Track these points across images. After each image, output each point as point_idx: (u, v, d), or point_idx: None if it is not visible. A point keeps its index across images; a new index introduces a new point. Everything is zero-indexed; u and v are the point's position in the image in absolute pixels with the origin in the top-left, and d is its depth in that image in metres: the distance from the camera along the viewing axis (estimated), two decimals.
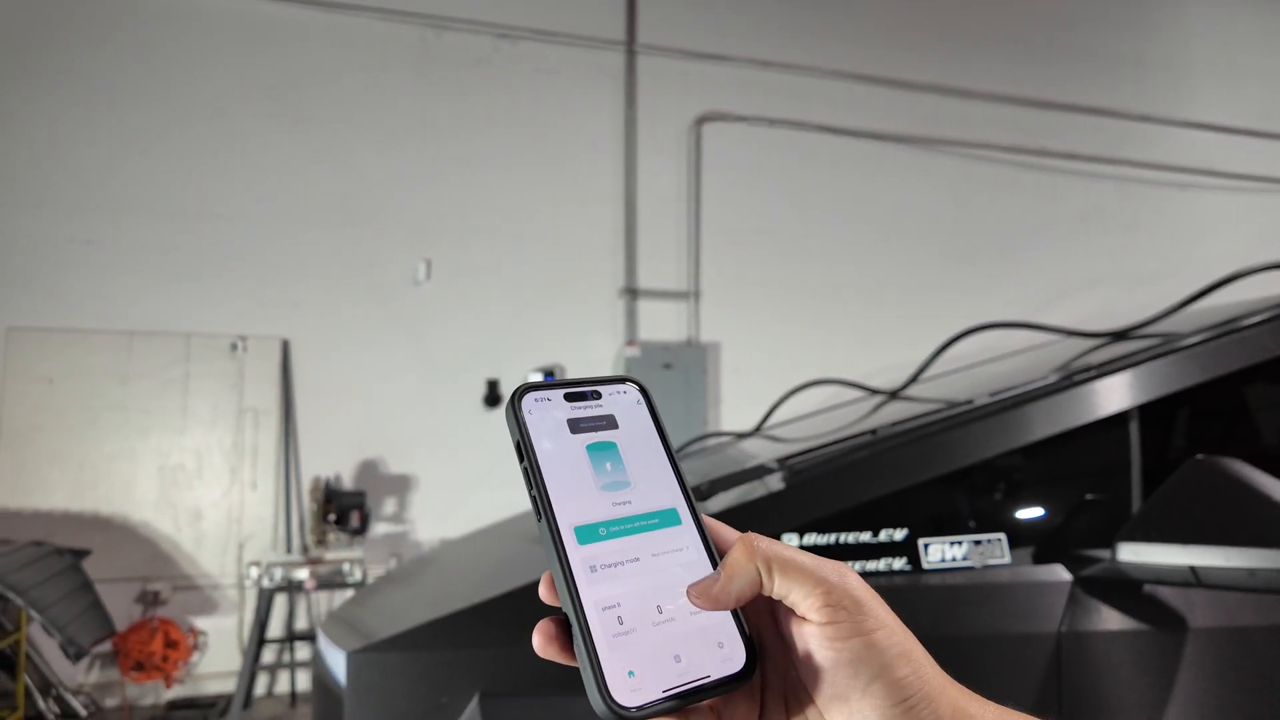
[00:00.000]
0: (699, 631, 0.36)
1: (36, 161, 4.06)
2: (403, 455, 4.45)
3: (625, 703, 0.33)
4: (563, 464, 0.39)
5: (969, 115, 5.55)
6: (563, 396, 0.41)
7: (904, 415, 1.83)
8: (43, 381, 3.99)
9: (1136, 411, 1.66)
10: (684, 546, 0.39)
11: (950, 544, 1.58)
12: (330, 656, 1.66)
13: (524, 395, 0.40)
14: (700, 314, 4.96)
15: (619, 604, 0.36)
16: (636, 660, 0.35)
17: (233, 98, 4.34)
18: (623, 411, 0.42)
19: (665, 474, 0.41)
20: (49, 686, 3.77)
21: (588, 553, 0.37)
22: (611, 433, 0.41)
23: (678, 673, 0.35)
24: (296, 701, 4.02)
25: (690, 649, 0.36)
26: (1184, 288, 2.08)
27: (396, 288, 4.51)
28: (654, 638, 0.36)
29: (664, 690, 0.34)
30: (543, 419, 0.40)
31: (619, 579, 0.37)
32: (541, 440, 0.39)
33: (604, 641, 0.34)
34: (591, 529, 0.38)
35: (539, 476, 0.38)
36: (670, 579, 0.38)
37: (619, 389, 0.43)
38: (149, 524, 4.08)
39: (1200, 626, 1.45)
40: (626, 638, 0.35)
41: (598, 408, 0.42)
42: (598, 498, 0.39)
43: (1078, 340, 2.24)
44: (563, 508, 0.38)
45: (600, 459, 0.40)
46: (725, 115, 5.05)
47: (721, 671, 0.36)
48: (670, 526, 0.39)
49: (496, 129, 4.71)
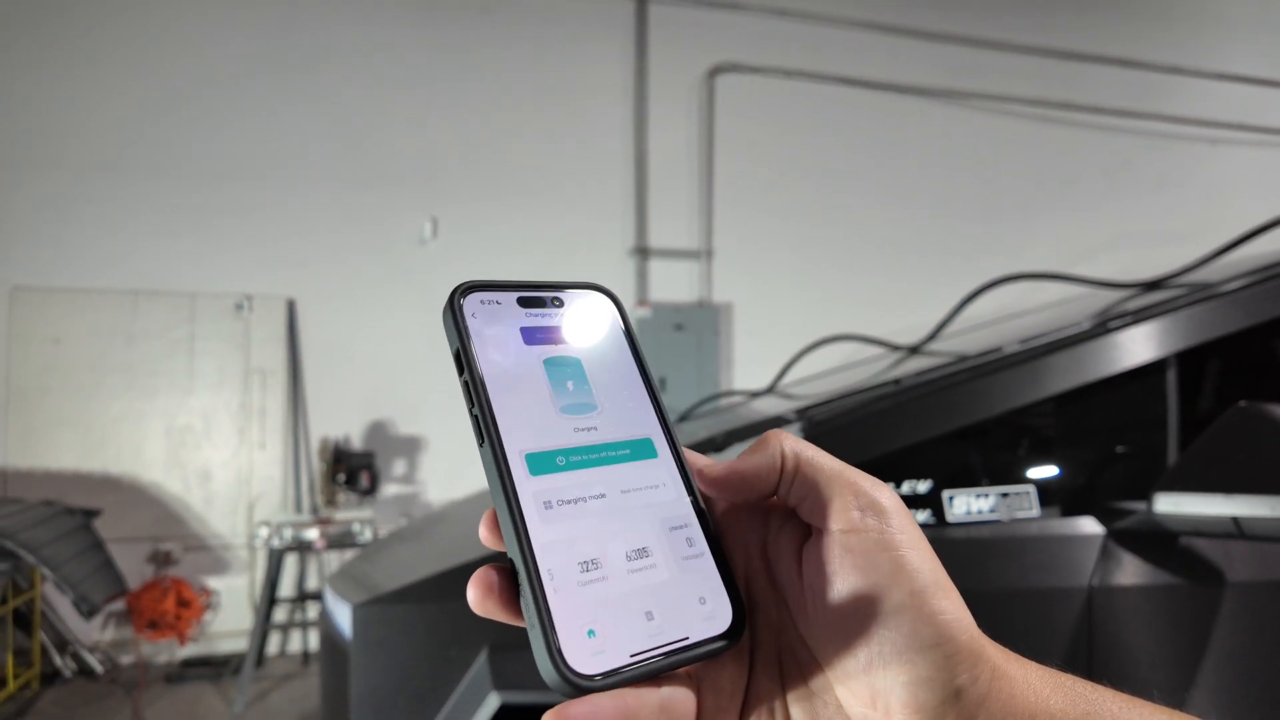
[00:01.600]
0: (677, 584, 0.30)
1: (40, 119, 4.01)
2: (412, 416, 4.42)
3: (583, 669, 0.26)
4: (513, 379, 0.32)
5: (992, 67, 5.38)
6: (516, 301, 0.34)
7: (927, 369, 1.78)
8: (49, 342, 3.97)
9: (1174, 359, 1.60)
10: (660, 483, 0.32)
11: (976, 496, 1.54)
12: (337, 610, 1.64)
13: (466, 294, 0.33)
14: (713, 274, 4.88)
15: (578, 549, 0.29)
16: (598, 617, 0.28)
17: (236, 55, 4.25)
18: (590, 323, 0.35)
19: (639, 398, 0.34)
20: (65, 644, 3.83)
21: (541, 485, 0.30)
22: (575, 347, 0.34)
23: (650, 633, 0.28)
24: (309, 660, 4.06)
25: (666, 605, 0.29)
26: (1213, 245, 1.99)
27: (402, 246, 4.45)
28: (621, 590, 0.29)
29: (632, 655, 0.27)
30: (489, 324, 0.33)
31: (579, 518, 0.30)
32: (487, 349, 0.32)
33: (558, 594, 0.28)
34: (547, 457, 0.31)
35: (482, 393, 0.31)
36: (643, 521, 0.31)
37: (585, 295, 0.36)
38: (158, 485, 4.09)
39: (1239, 580, 1.41)
40: (586, 589, 0.28)
41: (559, 317, 0.34)
42: (556, 421, 0.32)
43: (1107, 293, 2.17)
44: (511, 431, 0.30)
45: (560, 376, 0.33)
46: (739, 67, 4.91)
47: (703, 632, 0.29)
48: (644, 459, 0.33)
49: (503, 82, 4.61)
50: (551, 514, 0.29)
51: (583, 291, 0.36)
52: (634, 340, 0.36)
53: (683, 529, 0.31)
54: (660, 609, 0.29)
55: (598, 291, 0.36)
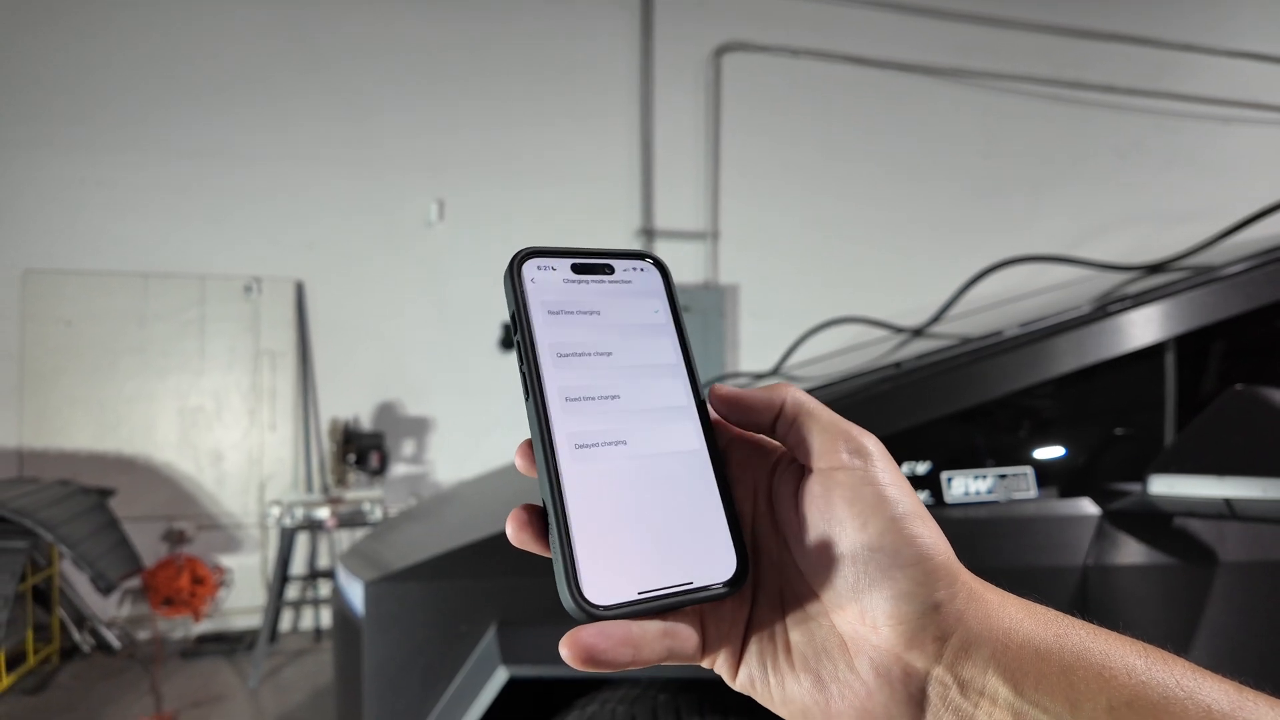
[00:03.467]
0: (689, 532, 0.33)
1: (48, 102, 4.02)
2: (420, 397, 4.46)
3: (596, 600, 0.30)
4: (560, 338, 0.35)
5: (1001, 45, 5.32)
6: (570, 267, 0.37)
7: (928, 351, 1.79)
8: (61, 324, 4.02)
9: (1173, 343, 1.61)
10: (684, 437, 0.36)
11: (975, 477, 1.56)
12: (349, 587, 1.68)
13: (525, 261, 0.36)
14: (719, 255, 4.88)
15: (601, 493, 0.33)
16: (613, 556, 0.31)
17: (245, 37, 4.25)
18: (635, 288, 0.38)
19: (675, 360, 0.37)
20: (83, 620, 3.90)
21: (573, 430, 0.33)
22: (619, 309, 0.38)
23: (659, 575, 0.32)
24: (321, 636, 4.13)
25: (675, 550, 0.33)
26: (1225, 224, 1.99)
27: (409, 229, 4.47)
28: (637, 533, 0.32)
29: (639, 592, 0.31)
30: (544, 289, 0.36)
31: (605, 462, 0.33)
32: (539, 311, 0.35)
33: (580, 532, 0.31)
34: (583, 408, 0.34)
35: (531, 351, 0.34)
36: (663, 470, 0.34)
37: (636, 266, 0.39)
38: (171, 465, 4.15)
39: (1231, 560, 1.43)
40: (605, 529, 0.32)
41: (607, 282, 0.38)
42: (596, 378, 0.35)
43: (1112, 275, 2.17)
44: (553, 385, 0.34)
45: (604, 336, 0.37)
46: (746, 45, 4.87)
47: (707, 579, 0.32)
48: (672, 415, 0.36)
49: (507, 62, 4.59)
50: (581, 456, 0.33)
51: (632, 260, 0.39)
52: (676, 306, 0.39)
53: (699, 480, 0.34)
54: (670, 554, 0.32)
55: (645, 259, 0.39)
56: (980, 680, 0.29)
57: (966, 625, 0.30)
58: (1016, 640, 0.29)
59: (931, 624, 0.29)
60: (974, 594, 0.30)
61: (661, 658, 0.31)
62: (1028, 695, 0.28)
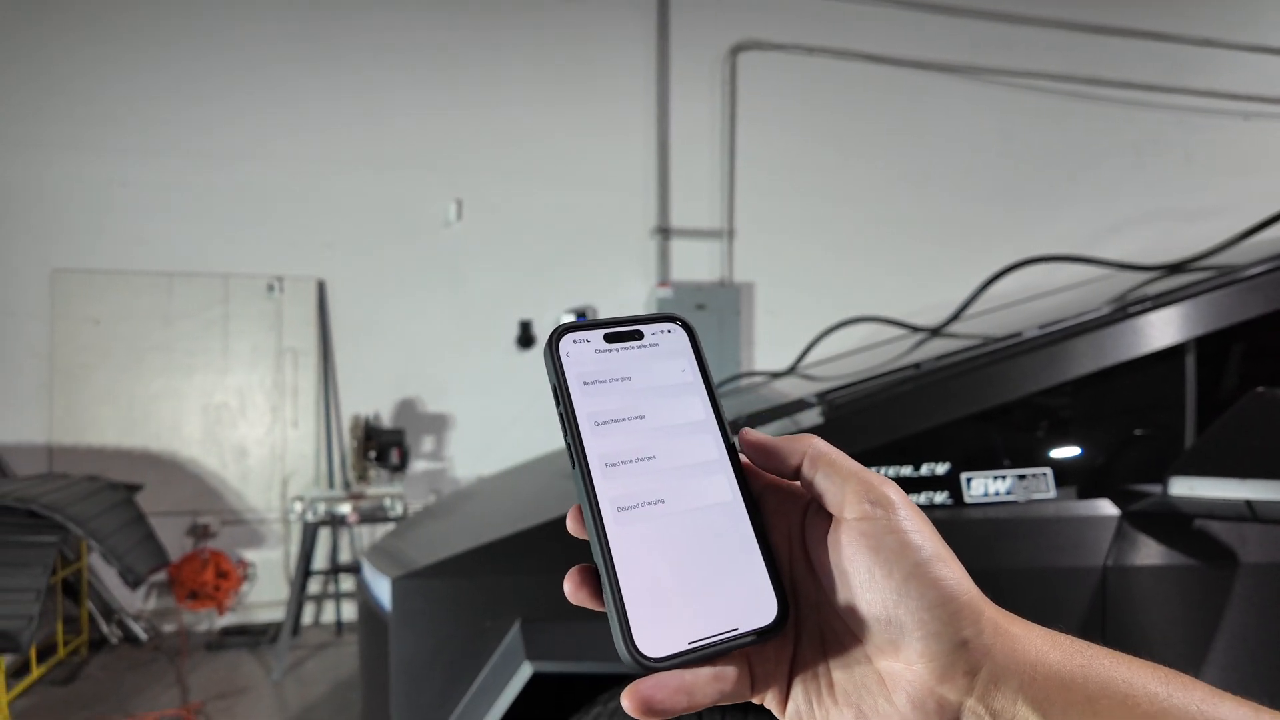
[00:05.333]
0: (731, 583, 0.35)
1: (74, 104, 4.08)
2: (439, 394, 4.51)
3: (649, 653, 0.32)
4: (598, 407, 0.37)
5: (1018, 42, 5.28)
6: (602, 338, 0.39)
7: (947, 352, 1.79)
8: (89, 322, 4.09)
9: (1193, 344, 1.60)
10: (720, 490, 0.38)
11: (993, 478, 1.56)
12: (375, 584, 1.71)
13: (562, 337, 0.38)
14: (734, 253, 4.89)
15: (648, 550, 0.35)
16: (663, 609, 0.34)
17: (266, 39, 4.30)
18: (664, 352, 0.40)
19: (707, 416, 0.39)
20: (111, 612, 3.98)
21: (616, 493, 0.35)
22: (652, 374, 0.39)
23: (705, 624, 0.34)
24: (342, 630, 4.19)
25: (719, 599, 0.35)
26: (1244, 223, 1.98)
27: (428, 228, 4.51)
28: (682, 587, 0.34)
29: (690, 642, 0.33)
30: (580, 362, 0.38)
31: (649, 522, 0.35)
32: (577, 384, 0.37)
33: (630, 590, 0.33)
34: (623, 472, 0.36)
35: (574, 423, 0.36)
36: (704, 524, 0.36)
37: (662, 329, 0.40)
38: (196, 460, 4.22)
39: (1252, 562, 1.42)
40: (654, 585, 0.34)
41: (638, 348, 0.40)
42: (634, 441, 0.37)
43: (1131, 274, 2.16)
44: (595, 454, 0.36)
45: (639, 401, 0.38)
46: (762, 44, 4.87)
47: (751, 624, 0.34)
48: (708, 470, 0.38)
49: (524, 63, 4.61)
50: (624, 518, 0.35)
51: (660, 323, 0.41)
52: (703, 363, 0.40)
53: (737, 529, 0.37)
54: (715, 603, 0.34)
55: (673, 321, 0.41)
56: (1010, 710, 0.31)
57: (994, 659, 0.31)
58: (1043, 671, 0.31)
59: (961, 659, 0.31)
60: (999, 628, 0.32)
61: (714, 700, 0.33)
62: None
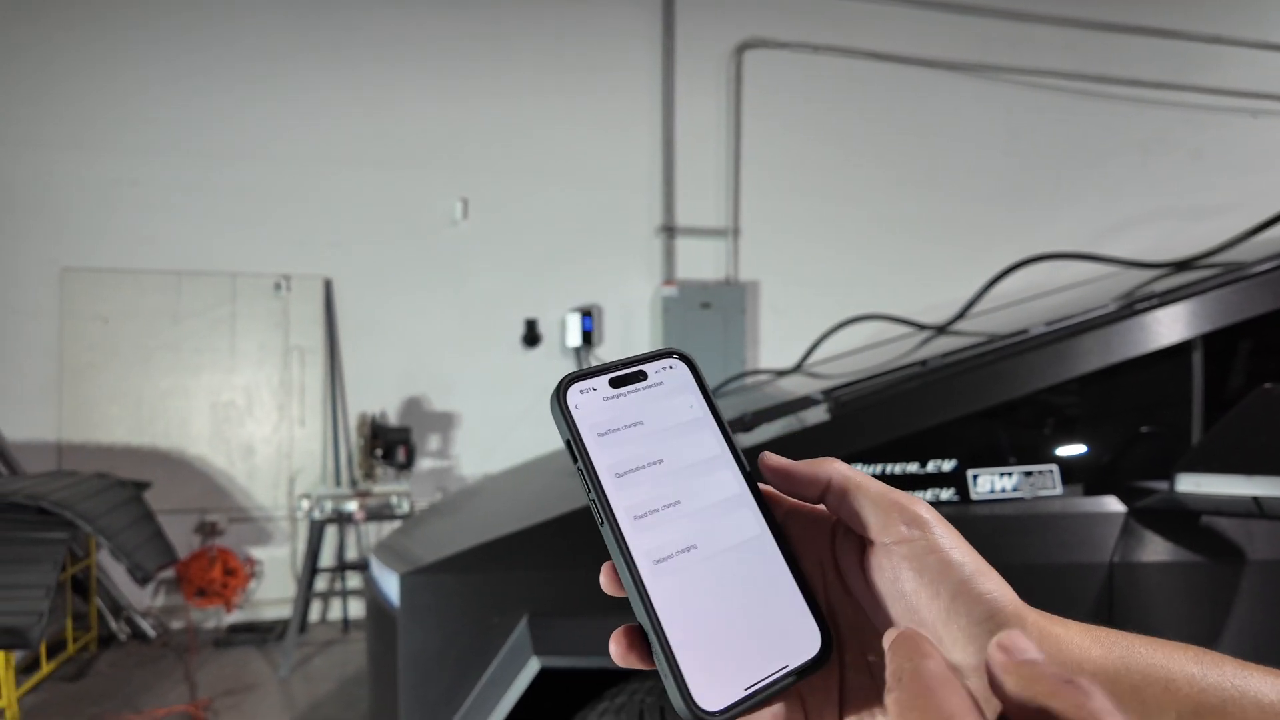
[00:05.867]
0: (773, 620, 0.35)
1: (83, 103, 4.11)
2: (445, 393, 4.52)
3: (708, 706, 0.32)
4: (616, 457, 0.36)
5: (1025, 40, 5.27)
6: (607, 383, 0.38)
7: (953, 349, 1.79)
8: (98, 321, 4.11)
9: (1200, 341, 1.60)
10: (747, 526, 0.37)
11: (1000, 475, 1.56)
12: (384, 580, 1.72)
13: (568, 388, 0.37)
14: (739, 252, 4.89)
15: (690, 602, 0.34)
16: (714, 659, 0.33)
17: (271, 37, 4.31)
18: (671, 390, 0.39)
19: (721, 450, 0.39)
20: (119, 609, 4.00)
21: (650, 545, 0.34)
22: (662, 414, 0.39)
23: (757, 667, 0.33)
24: (349, 627, 4.20)
25: (766, 638, 0.34)
26: (1252, 220, 1.97)
27: (434, 227, 4.52)
28: (729, 633, 0.34)
29: (745, 688, 0.33)
30: (590, 412, 0.37)
31: (686, 571, 0.35)
32: (591, 436, 0.36)
33: (680, 647, 0.33)
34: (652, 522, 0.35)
35: (595, 478, 0.35)
36: (738, 565, 0.35)
37: (664, 365, 0.40)
38: (204, 458, 4.24)
39: (1260, 558, 1.42)
40: (702, 636, 0.33)
41: (644, 389, 0.39)
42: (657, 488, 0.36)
43: (1137, 272, 2.16)
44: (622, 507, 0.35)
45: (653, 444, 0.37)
46: (767, 42, 4.87)
47: (800, 658, 0.34)
48: (731, 508, 0.37)
49: (530, 62, 4.62)
50: (661, 571, 0.34)
51: (660, 360, 0.40)
52: (708, 395, 0.40)
53: (770, 564, 0.36)
54: (763, 643, 0.34)
55: (671, 356, 0.40)
56: None
57: None
58: (1089, 669, 0.32)
59: None
60: (1044, 631, 0.33)
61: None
62: None
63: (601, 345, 4.70)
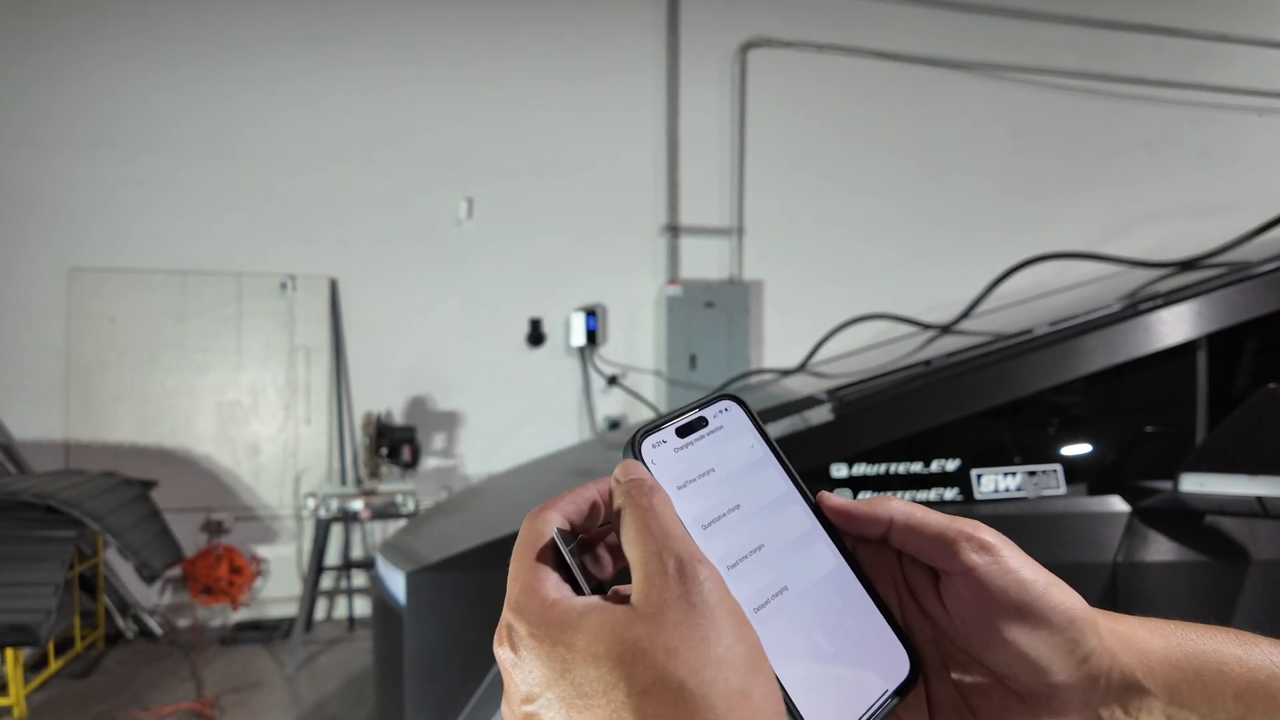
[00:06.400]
0: (866, 648, 0.36)
1: (89, 105, 4.13)
2: (450, 392, 4.54)
3: None
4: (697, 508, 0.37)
5: (1029, 38, 5.26)
6: (674, 433, 0.38)
7: (957, 349, 1.80)
8: (105, 320, 4.14)
9: (1204, 341, 1.60)
10: (824, 560, 0.37)
11: (1004, 474, 1.57)
12: (389, 578, 1.73)
13: (641, 443, 0.37)
14: (743, 251, 4.90)
15: (793, 648, 0.34)
16: (825, 696, 0.34)
17: (278, 38, 4.33)
18: (732, 433, 0.40)
19: (786, 486, 0.39)
20: (127, 607, 4.02)
21: (745, 597, 0.34)
22: (729, 459, 0.39)
23: (861, 696, 0.34)
24: (354, 625, 4.22)
25: (864, 667, 0.35)
26: (1258, 219, 1.97)
27: (439, 227, 4.53)
28: (832, 668, 0.35)
29: (857, 717, 0.34)
30: (667, 466, 0.37)
31: (783, 616, 0.35)
32: (671, 489, 0.36)
33: (793, 686, 0.33)
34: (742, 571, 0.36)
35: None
36: (824, 602, 0.36)
37: (720, 408, 0.40)
38: (210, 457, 4.26)
39: (1263, 558, 1.42)
40: (809, 675, 0.34)
41: (709, 436, 0.39)
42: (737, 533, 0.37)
43: (1142, 272, 2.16)
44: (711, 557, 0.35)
45: (727, 489, 0.38)
46: (771, 41, 4.87)
47: (895, 680, 0.35)
48: (807, 544, 0.38)
49: (535, 60, 4.63)
50: (761, 618, 0.34)
51: (716, 404, 0.40)
52: (764, 433, 0.40)
53: (852, 593, 0.37)
54: (862, 672, 0.35)
55: (724, 400, 0.41)
56: (1139, 702, 0.35)
57: (1116, 659, 0.35)
58: (1154, 660, 0.35)
59: (1090, 668, 0.35)
60: (1113, 631, 0.35)
61: None
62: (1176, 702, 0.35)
63: (605, 344, 4.71)
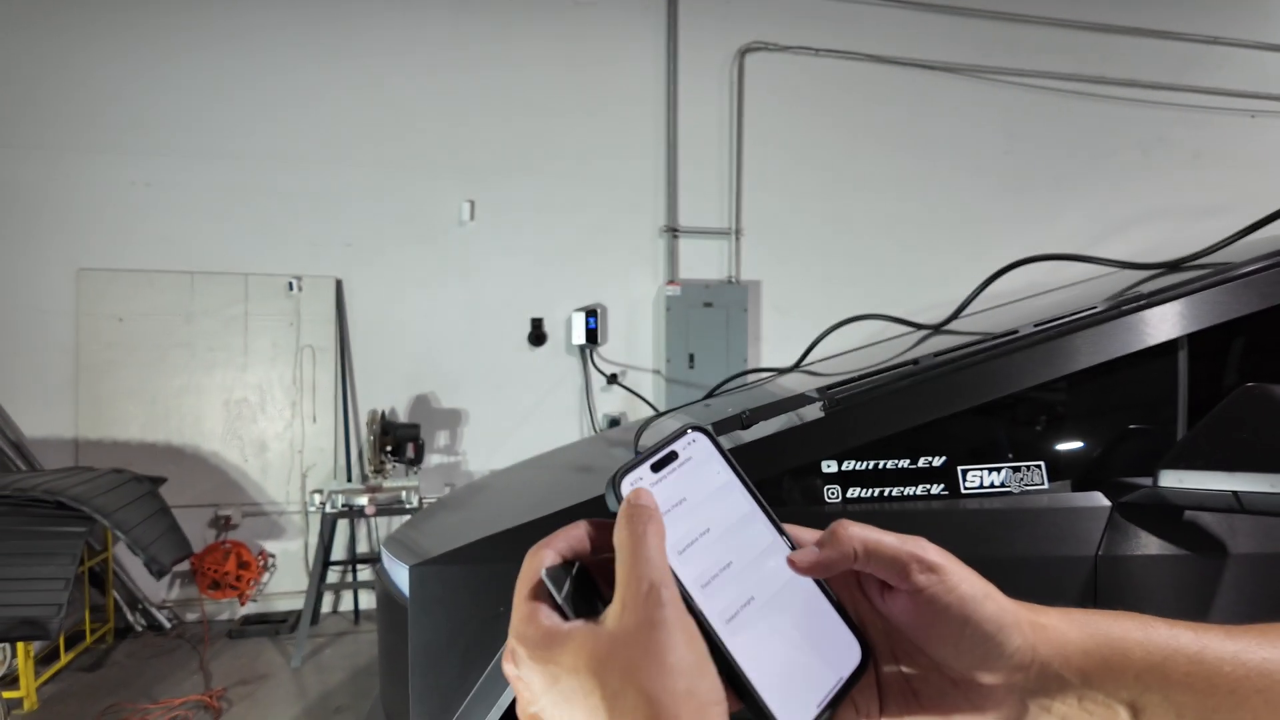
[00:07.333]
0: (822, 642, 0.40)
1: (98, 106, 4.18)
2: (453, 390, 4.59)
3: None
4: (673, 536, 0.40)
5: (1023, 41, 5.29)
6: (649, 468, 0.42)
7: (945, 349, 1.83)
8: (114, 320, 4.19)
9: (1185, 341, 1.63)
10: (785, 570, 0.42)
11: (989, 470, 1.60)
12: (394, 571, 1.77)
13: (620, 482, 0.40)
14: (741, 252, 4.94)
15: (763, 649, 0.38)
16: (790, 690, 0.38)
17: (283, 41, 4.38)
18: (699, 464, 0.43)
19: (751, 508, 0.43)
20: (136, 601, 4.08)
21: (718, 608, 0.38)
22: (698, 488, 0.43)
23: (820, 685, 0.39)
24: (360, 619, 4.27)
25: (821, 660, 0.40)
26: (1250, 220, 2.00)
27: (442, 228, 4.58)
28: (795, 664, 0.39)
29: (817, 705, 0.38)
30: None
31: (753, 623, 0.39)
32: None
33: (762, 685, 0.37)
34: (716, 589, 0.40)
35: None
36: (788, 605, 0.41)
37: (687, 440, 0.44)
38: (218, 454, 4.32)
39: (1241, 552, 1.45)
40: (777, 674, 0.38)
41: (678, 468, 0.43)
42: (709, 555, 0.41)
43: (1131, 273, 2.18)
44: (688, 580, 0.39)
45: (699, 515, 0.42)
46: (769, 45, 4.91)
47: (848, 668, 0.40)
48: (769, 556, 0.42)
49: (536, 65, 4.68)
50: (732, 628, 0.38)
51: (683, 438, 0.44)
52: (728, 458, 0.44)
53: (810, 597, 0.42)
54: (817, 665, 0.39)
55: (690, 431, 0.44)
56: (1056, 686, 0.39)
57: (1037, 652, 0.39)
58: (1070, 649, 0.39)
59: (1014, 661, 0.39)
60: (1034, 624, 0.40)
61: None
62: (1088, 684, 0.38)
63: (605, 344, 4.76)
